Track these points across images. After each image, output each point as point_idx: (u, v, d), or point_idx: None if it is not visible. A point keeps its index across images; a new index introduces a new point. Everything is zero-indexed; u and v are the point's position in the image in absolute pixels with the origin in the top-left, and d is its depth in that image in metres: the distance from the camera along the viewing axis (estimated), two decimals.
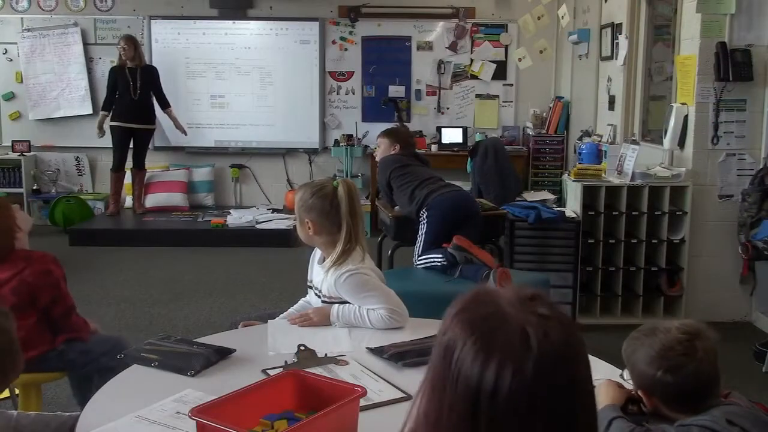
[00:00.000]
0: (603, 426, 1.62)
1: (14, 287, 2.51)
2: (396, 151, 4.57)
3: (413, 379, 1.88)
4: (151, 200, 7.54)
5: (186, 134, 7.48)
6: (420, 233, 4.18)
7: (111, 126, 7.05)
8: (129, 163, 7.26)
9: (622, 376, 1.77)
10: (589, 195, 4.67)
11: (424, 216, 4.18)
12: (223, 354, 2.03)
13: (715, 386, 1.64)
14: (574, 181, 4.76)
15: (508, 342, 0.89)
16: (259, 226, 6.97)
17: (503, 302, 0.94)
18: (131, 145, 7.16)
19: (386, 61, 7.77)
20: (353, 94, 7.82)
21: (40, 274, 2.56)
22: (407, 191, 4.32)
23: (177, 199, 7.59)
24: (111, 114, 7.05)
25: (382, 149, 4.65)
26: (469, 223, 4.21)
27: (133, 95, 6.98)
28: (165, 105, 7.29)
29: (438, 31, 7.75)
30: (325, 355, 2.03)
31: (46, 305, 2.58)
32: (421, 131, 7.57)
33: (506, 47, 7.73)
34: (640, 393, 1.69)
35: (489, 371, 0.88)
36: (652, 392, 1.66)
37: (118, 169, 7.21)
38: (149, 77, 7.11)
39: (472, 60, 7.76)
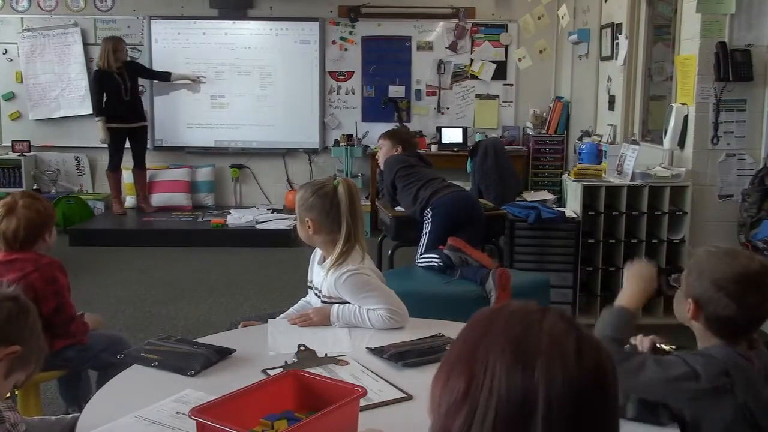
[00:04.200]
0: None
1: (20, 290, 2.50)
2: (398, 153, 4.58)
3: (413, 379, 1.89)
4: (155, 200, 7.54)
5: (204, 80, 7.58)
6: (424, 233, 4.19)
7: (107, 128, 6.99)
8: (123, 163, 7.24)
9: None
10: (589, 195, 4.67)
11: (428, 216, 4.19)
12: (223, 354, 2.03)
13: (756, 329, 1.67)
14: (574, 181, 4.76)
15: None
16: (259, 226, 6.96)
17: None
18: (127, 145, 7.15)
19: (386, 61, 7.76)
20: (353, 94, 7.82)
21: (47, 281, 2.55)
22: (412, 191, 4.32)
23: (180, 198, 7.59)
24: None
25: (384, 151, 4.65)
26: (472, 223, 4.21)
27: (125, 96, 6.97)
28: (166, 77, 7.32)
29: (438, 31, 7.74)
30: (325, 355, 2.03)
31: (49, 313, 2.55)
32: (421, 131, 7.56)
33: (506, 47, 7.72)
34: (690, 301, 1.69)
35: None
36: (705, 307, 1.66)
37: (115, 170, 7.20)
38: (134, 72, 7.12)
39: (472, 60, 7.76)
